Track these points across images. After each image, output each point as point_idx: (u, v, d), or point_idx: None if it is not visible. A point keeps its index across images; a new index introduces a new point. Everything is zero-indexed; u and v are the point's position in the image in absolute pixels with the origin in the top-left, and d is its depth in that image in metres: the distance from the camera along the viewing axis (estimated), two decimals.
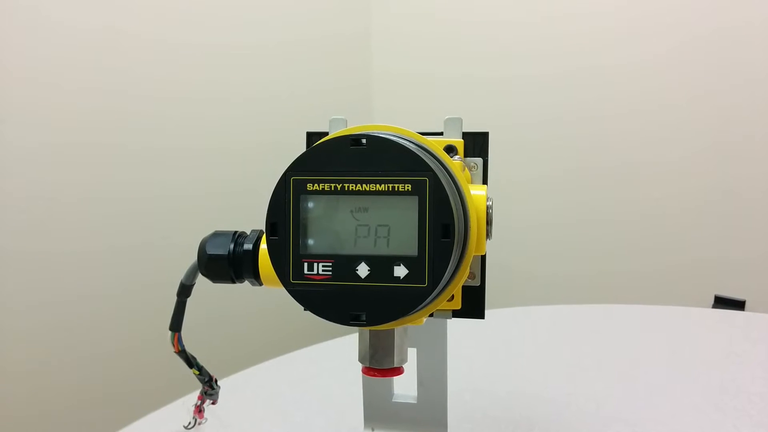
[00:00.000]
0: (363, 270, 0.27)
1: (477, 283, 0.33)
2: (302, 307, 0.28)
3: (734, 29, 1.20)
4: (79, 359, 1.05)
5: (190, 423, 0.43)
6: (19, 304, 0.97)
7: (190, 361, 0.39)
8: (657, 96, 1.29)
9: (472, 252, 0.28)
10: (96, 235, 1.05)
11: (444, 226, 0.26)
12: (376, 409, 0.41)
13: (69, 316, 1.03)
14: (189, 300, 0.37)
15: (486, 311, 0.33)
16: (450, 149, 0.32)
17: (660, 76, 1.28)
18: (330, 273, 0.27)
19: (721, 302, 1.26)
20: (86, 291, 1.05)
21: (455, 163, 0.30)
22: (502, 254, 1.26)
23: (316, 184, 0.27)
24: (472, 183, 0.33)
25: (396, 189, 0.26)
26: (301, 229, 0.27)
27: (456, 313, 0.32)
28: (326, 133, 0.32)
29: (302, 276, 0.27)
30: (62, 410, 1.03)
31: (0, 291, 0.95)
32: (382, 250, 0.27)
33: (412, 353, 0.34)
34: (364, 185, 0.27)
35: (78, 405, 1.05)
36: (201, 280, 0.35)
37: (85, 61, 1.01)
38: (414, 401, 0.41)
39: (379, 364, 0.30)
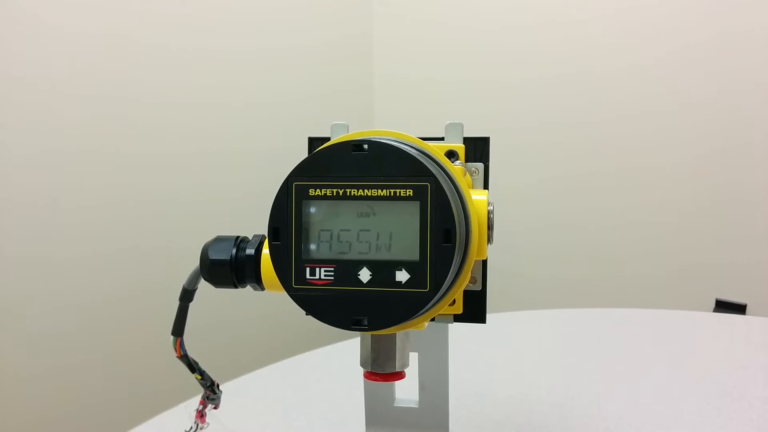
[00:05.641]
0: (365, 275, 0.27)
1: (478, 287, 0.33)
2: (304, 312, 0.28)
3: (734, 34, 1.20)
4: (81, 364, 1.05)
5: (192, 427, 0.43)
6: (19, 308, 0.97)
7: (192, 366, 0.39)
8: (658, 100, 1.29)
9: (473, 257, 0.28)
10: (98, 241, 1.06)
11: (445, 231, 0.26)
12: (378, 413, 0.41)
13: (70, 321, 1.03)
14: (191, 304, 0.37)
15: (487, 315, 0.33)
16: (451, 154, 0.33)
17: (662, 80, 1.28)
18: (332, 278, 0.27)
19: (722, 306, 1.26)
20: (88, 296, 1.05)
21: (456, 168, 0.30)
22: (503, 259, 1.26)
23: (318, 190, 0.27)
24: (473, 188, 0.33)
25: (398, 194, 0.26)
26: (303, 234, 0.27)
27: (457, 318, 0.33)
28: (328, 139, 0.32)
29: (304, 281, 0.27)
30: (64, 414, 1.03)
31: (2, 296, 0.95)
32: (384, 255, 0.27)
33: (413, 358, 0.34)
34: (365, 190, 0.27)
35: (80, 409, 1.05)
36: (203, 285, 0.35)
37: (87, 67, 1.01)
38: (416, 406, 0.40)
39: (381, 369, 0.30)
